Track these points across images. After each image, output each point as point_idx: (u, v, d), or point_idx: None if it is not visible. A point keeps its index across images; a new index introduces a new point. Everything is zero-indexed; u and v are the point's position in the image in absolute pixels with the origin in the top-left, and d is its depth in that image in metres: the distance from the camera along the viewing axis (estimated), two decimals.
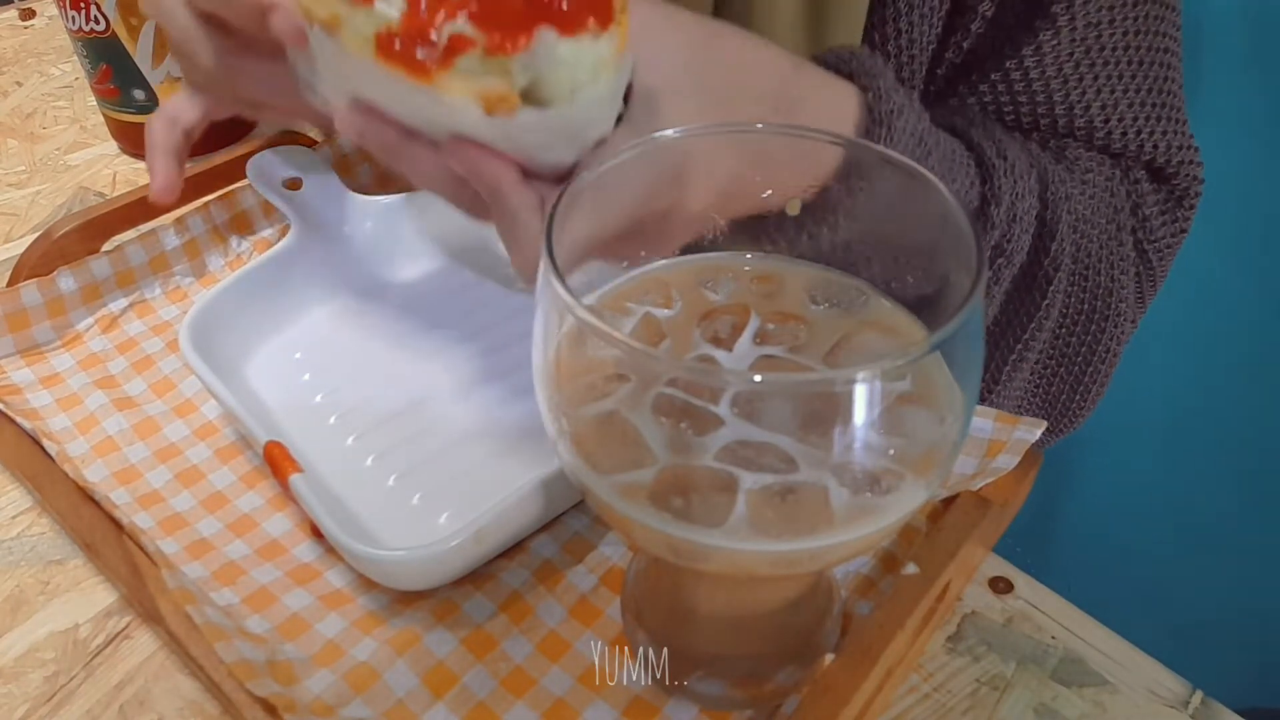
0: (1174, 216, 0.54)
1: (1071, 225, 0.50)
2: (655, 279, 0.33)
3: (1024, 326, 0.51)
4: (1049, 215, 0.49)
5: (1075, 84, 0.49)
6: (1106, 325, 0.52)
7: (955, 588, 0.39)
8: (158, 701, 0.37)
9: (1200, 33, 0.68)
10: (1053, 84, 0.49)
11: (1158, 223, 0.54)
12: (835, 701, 0.32)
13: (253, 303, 0.48)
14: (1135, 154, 0.52)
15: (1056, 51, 0.49)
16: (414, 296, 0.53)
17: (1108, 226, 0.52)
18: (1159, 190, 0.54)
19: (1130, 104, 0.51)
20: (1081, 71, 0.49)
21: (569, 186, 0.29)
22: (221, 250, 0.55)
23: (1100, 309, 0.52)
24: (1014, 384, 0.54)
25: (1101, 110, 0.50)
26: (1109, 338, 0.53)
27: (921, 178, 0.29)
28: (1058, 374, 0.54)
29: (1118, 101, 0.50)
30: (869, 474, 0.26)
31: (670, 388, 0.27)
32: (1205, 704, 0.37)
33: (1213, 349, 0.78)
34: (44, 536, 0.43)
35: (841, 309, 0.32)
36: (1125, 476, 0.88)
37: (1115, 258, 0.52)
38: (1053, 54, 0.49)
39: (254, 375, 0.47)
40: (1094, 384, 0.55)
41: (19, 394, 0.47)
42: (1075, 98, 0.50)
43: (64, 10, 0.63)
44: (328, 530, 0.37)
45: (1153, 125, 0.51)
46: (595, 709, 0.35)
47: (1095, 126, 0.51)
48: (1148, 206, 0.53)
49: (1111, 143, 0.52)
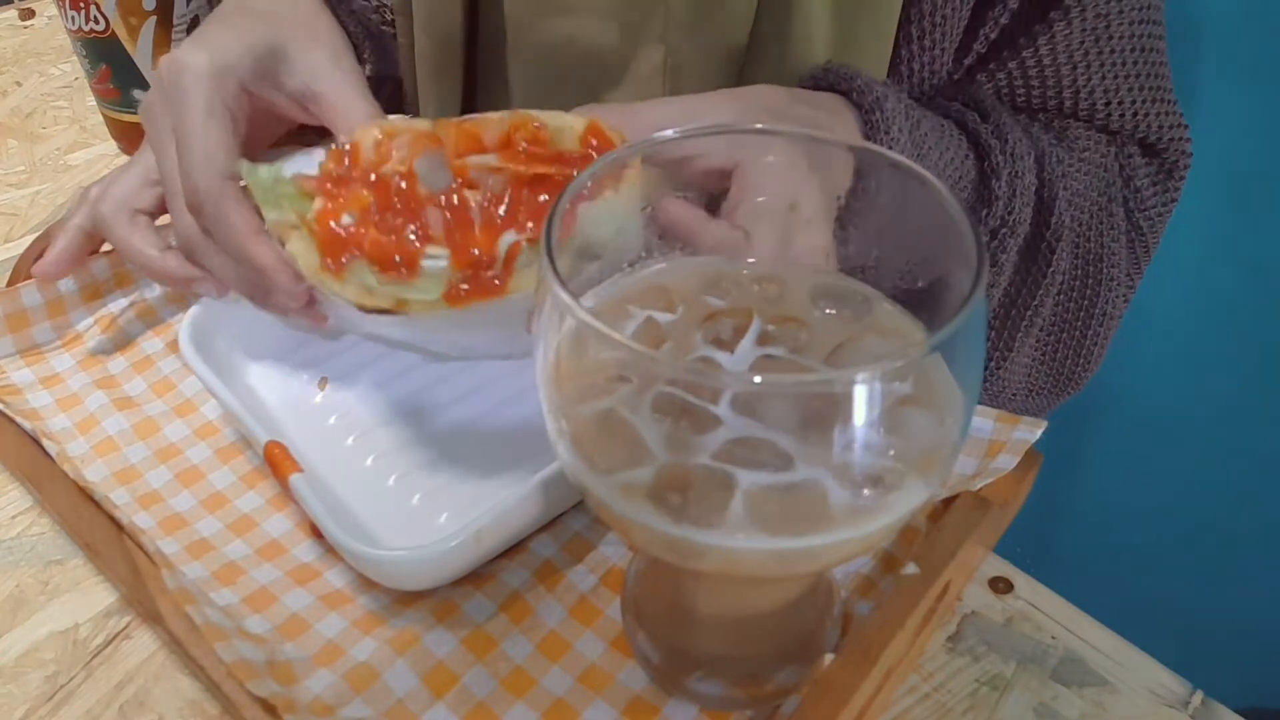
0: (1164, 187, 0.59)
1: (1068, 200, 0.54)
2: (657, 284, 0.33)
3: (1032, 293, 0.55)
4: (1046, 192, 0.53)
5: (1083, 71, 0.53)
6: (1101, 289, 0.56)
7: (955, 588, 0.39)
8: (158, 701, 0.37)
9: (1200, 32, 0.68)
10: (1063, 70, 0.53)
11: (1149, 194, 0.58)
12: (835, 701, 0.32)
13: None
14: (1131, 132, 0.56)
15: (1068, 40, 0.52)
16: None
17: (1099, 199, 0.56)
18: (1150, 164, 0.58)
19: (1130, 88, 0.55)
20: (1090, 60, 0.53)
21: (569, 188, 0.29)
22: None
23: (1094, 274, 0.56)
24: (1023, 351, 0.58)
25: (1104, 94, 0.54)
26: (1104, 301, 0.57)
27: (921, 179, 0.29)
28: (1061, 339, 0.59)
29: (1119, 86, 0.54)
30: (868, 475, 0.26)
31: (670, 387, 0.27)
32: (1205, 704, 0.37)
33: (1213, 350, 0.78)
34: (44, 536, 0.43)
35: (844, 313, 0.32)
36: (1125, 476, 0.88)
37: (1105, 227, 0.56)
38: (1064, 43, 0.52)
39: (254, 375, 0.47)
40: (1095, 347, 0.59)
41: (19, 394, 0.48)
42: (1082, 83, 0.54)
43: (64, 10, 0.63)
44: (328, 530, 0.37)
45: (1148, 107, 0.55)
46: (595, 709, 0.35)
47: (1097, 109, 0.55)
48: (1139, 179, 0.58)
49: (1110, 123, 0.56)
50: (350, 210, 0.38)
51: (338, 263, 0.37)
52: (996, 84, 0.55)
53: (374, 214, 0.38)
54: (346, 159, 0.40)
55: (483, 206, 0.37)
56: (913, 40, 0.52)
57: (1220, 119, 0.69)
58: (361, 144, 0.40)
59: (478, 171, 0.38)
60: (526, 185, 0.38)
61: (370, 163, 0.39)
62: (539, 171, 0.37)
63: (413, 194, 0.38)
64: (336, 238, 0.37)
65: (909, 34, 0.52)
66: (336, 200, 0.38)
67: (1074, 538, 0.91)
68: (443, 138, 0.39)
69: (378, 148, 0.40)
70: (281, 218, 0.39)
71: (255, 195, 0.40)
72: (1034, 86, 0.54)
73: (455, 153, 0.39)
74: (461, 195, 0.38)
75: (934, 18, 0.51)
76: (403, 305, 0.36)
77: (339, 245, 0.37)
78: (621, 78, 0.56)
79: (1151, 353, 0.80)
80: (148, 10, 0.63)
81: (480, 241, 0.36)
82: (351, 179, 0.39)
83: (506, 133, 0.39)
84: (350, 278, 0.37)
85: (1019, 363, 0.59)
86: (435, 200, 0.38)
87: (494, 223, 0.37)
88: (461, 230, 0.37)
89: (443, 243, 0.37)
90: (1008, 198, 0.51)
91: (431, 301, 0.36)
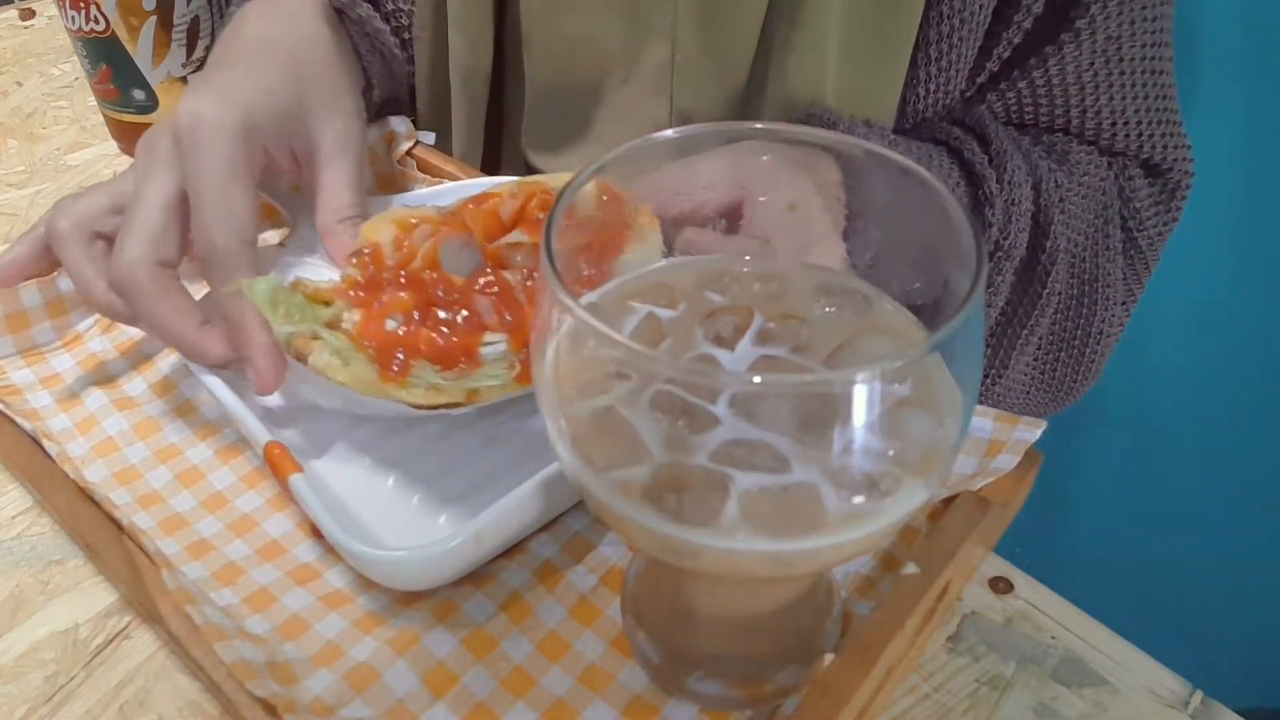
0: (1166, 208, 0.59)
1: (1065, 224, 0.54)
2: (659, 281, 0.33)
3: (1029, 313, 0.56)
4: (1043, 218, 0.53)
5: (1092, 91, 0.54)
6: (1096, 309, 0.57)
7: (955, 588, 0.39)
8: (158, 701, 0.37)
9: (1200, 31, 0.68)
10: (1071, 90, 0.54)
11: (1149, 214, 0.59)
12: (835, 701, 0.32)
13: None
14: (1135, 153, 0.57)
15: (1078, 61, 0.53)
16: None
17: (1095, 220, 0.56)
18: (1153, 184, 0.59)
19: (1137, 109, 0.55)
20: (1099, 81, 0.54)
21: (569, 188, 0.29)
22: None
23: (1090, 294, 0.57)
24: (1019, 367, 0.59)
25: (1111, 115, 0.55)
26: (1100, 320, 0.58)
27: (922, 179, 0.29)
28: (1059, 356, 0.60)
29: (1126, 108, 0.55)
30: (867, 475, 0.26)
31: (669, 386, 0.27)
32: (1205, 704, 0.37)
33: (1213, 350, 0.78)
34: (44, 536, 0.43)
35: (845, 310, 0.32)
36: (1125, 476, 0.88)
37: (1101, 249, 0.57)
38: (1074, 64, 0.53)
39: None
40: (1092, 363, 0.60)
41: (19, 394, 0.48)
42: (1090, 103, 0.54)
43: (64, 10, 0.63)
44: (328, 530, 0.37)
45: (1154, 128, 0.56)
46: (595, 709, 0.35)
47: (1104, 129, 0.55)
48: (1139, 200, 0.58)
49: (1115, 143, 0.56)
50: (393, 314, 0.37)
51: (400, 370, 0.36)
52: (1006, 103, 0.55)
53: (417, 313, 0.37)
54: (370, 264, 0.40)
55: (524, 285, 0.37)
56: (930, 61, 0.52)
57: (1220, 122, 0.69)
58: (381, 243, 0.40)
59: (507, 250, 0.38)
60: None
61: (397, 259, 0.39)
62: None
63: (450, 285, 0.38)
64: (391, 345, 0.36)
65: (926, 55, 0.52)
66: (371, 307, 0.38)
67: (1074, 538, 0.91)
68: (468, 221, 0.39)
69: (398, 244, 0.40)
70: (297, 329, 0.38)
71: (257, 307, 0.39)
72: (1043, 105, 0.55)
73: (483, 232, 0.38)
74: (501, 278, 0.38)
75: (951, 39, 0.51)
76: (474, 395, 0.37)
77: (394, 352, 0.36)
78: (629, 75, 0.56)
79: (1151, 353, 0.80)
80: (148, 10, 0.63)
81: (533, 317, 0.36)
82: (380, 281, 0.38)
83: (522, 205, 0.39)
84: (414, 381, 0.36)
85: (1015, 378, 0.60)
86: (476, 286, 0.37)
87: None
88: (512, 310, 0.37)
89: (498, 328, 0.37)
90: (1002, 223, 0.52)
91: (503, 385, 0.37)
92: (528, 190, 0.40)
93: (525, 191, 0.40)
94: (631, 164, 0.31)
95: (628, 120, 0.58)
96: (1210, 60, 0.69)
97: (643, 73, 0.56)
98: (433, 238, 0.39)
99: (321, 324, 0.38)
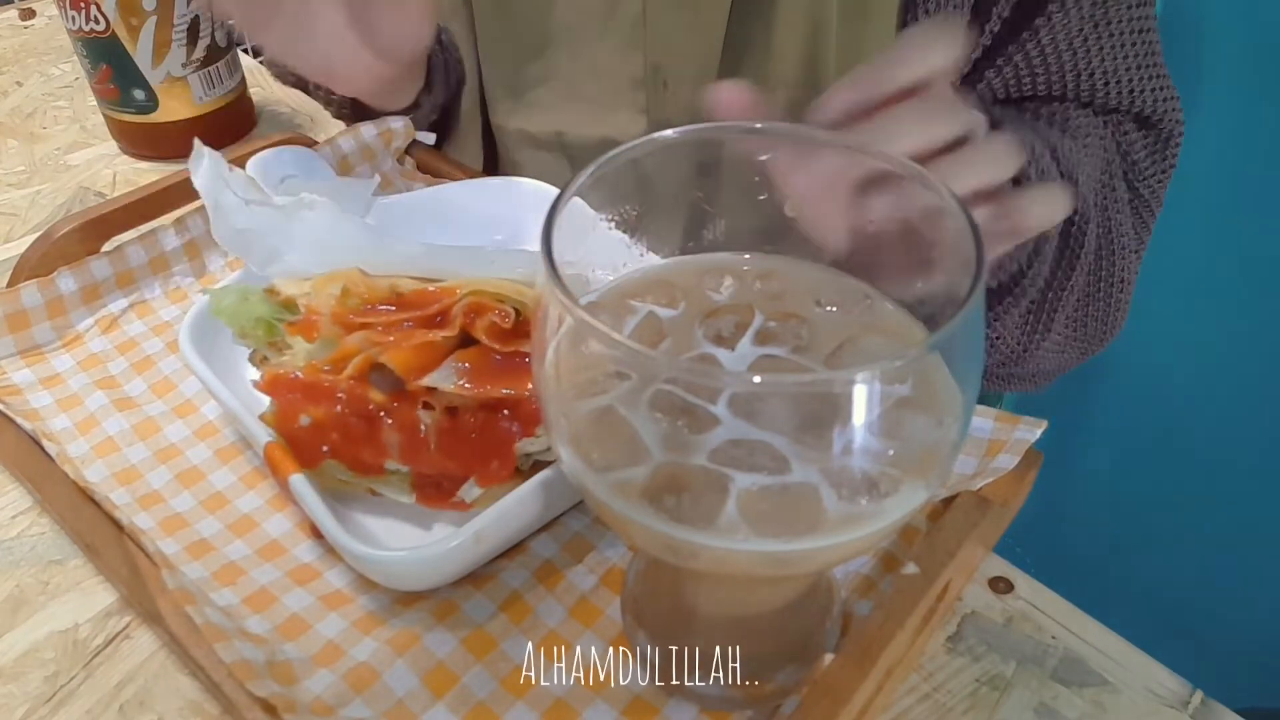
0: (1162, 156, 0.61)
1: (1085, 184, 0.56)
2: (659, 278, 0.33)
3: (1068, 275, 0.58)
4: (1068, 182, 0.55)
5: (1083, 55, 0.56)
6: (1115, 259, 0.59)
7: (955, 588, 0.39)
8: (158, 701, 0.37)
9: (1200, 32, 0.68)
10: (1064, 56, 0.56)
11: (1147, 164, 0.61)
12: (835, 701, 0.32)
13: None
14: (1128, 109, 0.59)
15: (1067, 27, 0.55)
16: None
17: (1101, 177, 0.59)
18: (1147, 136, 0.61)
19: (1128, 68, 0.57)
20: (1089, 44, 0.55)
21: (568, 188, 0.29)
22: (221, 250, 0.55)
23: (1108, 245, 0.59)
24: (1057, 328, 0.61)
25: (1104, 75, 0.57)
26: (1120, 269, 0.60)
27: (922, 179, 0.29)
28: (1089, 311, 0.62)
29: (1117, 67, 0.57)
30: (867, 475, 0.26)
31: (669, 385, 0.27)
32: (1205, 704, 0.37)
33: (1213, 350, 0.78)
34: (44, 536, 0.43)
35: (845, 310, 0.32)
36: (1126, 476, 0.88)
37: (1110, 202, 0.59)
38: (1064, 30, 0.55)
39: (254, 375, 0.47)
40: (1118, 311, 0.62)
41: (19, 395, 0.48)
42: (1083, 66, 0.56)
43: (64, 10, 0.63)
44: (327, 530, 0.37)
45: (1145, 83, 0.58)
46: (595, 709, 0.35)
47: (1097, 90, 0.57)
48: (1136, 152, 0.61)
49: (1109, 102, 0.58)
50: (308, 413, 0.39)
51: (309, 460, 0.39)
52: (1004, 78, 0.57)
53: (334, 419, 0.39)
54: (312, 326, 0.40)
55: (437, 433, 0.38)
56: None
57: (1220, 118, 0.70)
58: (320, 310, 0.40)
59: (430, 394, 0.38)
60: (482, 409, 0.38)
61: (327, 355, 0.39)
62: (492, 397, 0.37)
63: (365, 408, 0.38)
64: (300, 440, 0.39)
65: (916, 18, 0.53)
66: (289, 401, 0.39)
67: (1074, 538, 0.91)
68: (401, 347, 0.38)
69: (336, 318, 0.40)
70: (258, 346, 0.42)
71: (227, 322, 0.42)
72: (1039, 75, 0.56)
73: (407, 367, 0.38)
74: (413, 417, 0.38)
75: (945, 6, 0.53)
76: (376, 494, 0.40)
77: (308, 445, 0.39)
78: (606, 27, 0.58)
79: (1151, 353, 0.80)
80: (148, 10, 0.63)
81: (436, 465, 0.38)
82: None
83: (468, 311, 0.39)
84: (324, 470, 0.39)
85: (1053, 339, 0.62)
86: (390, 415, 0.38)
87: (450, 449, 0.38)
88: (416, 451, 0.38)
89: (398, 461, 0.39)
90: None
91: (404, 501, 0.39)
92: (474, 304, 0.39)
93: (471, 304, 0.39)
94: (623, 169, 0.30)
95: (602, 75, 0.61)
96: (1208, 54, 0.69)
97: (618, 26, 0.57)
98: (360, 365, 0.38)
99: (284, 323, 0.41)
